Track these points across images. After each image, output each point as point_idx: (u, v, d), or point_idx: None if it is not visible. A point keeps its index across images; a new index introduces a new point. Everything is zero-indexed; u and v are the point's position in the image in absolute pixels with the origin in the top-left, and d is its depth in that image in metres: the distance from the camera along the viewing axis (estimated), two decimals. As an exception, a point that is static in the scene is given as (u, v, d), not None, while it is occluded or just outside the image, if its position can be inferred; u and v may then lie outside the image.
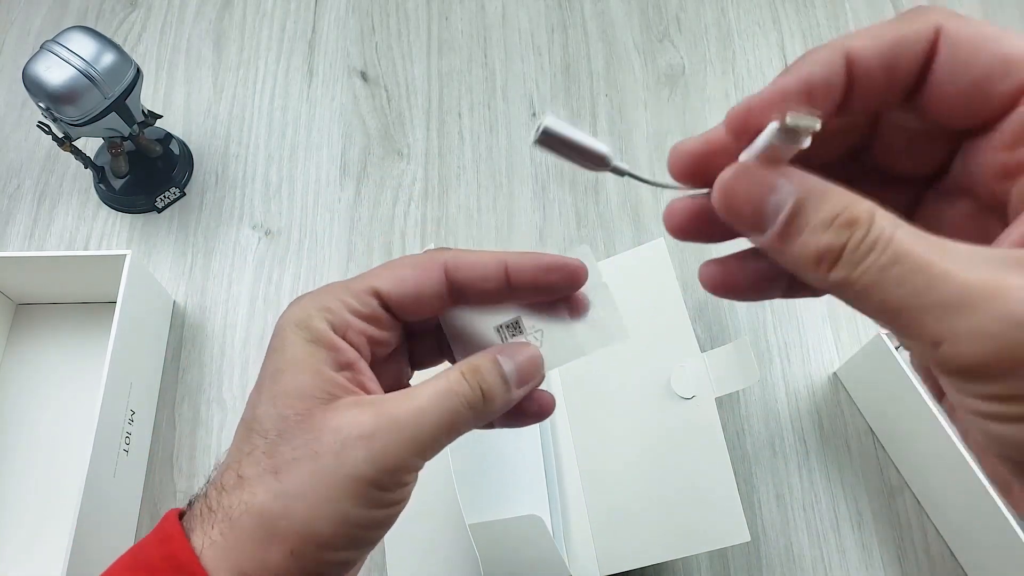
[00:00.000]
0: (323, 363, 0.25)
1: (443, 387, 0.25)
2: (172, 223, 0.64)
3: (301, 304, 0.26)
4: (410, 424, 0.24)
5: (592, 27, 0.72)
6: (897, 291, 0.16)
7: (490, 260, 0.27)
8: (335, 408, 0.24)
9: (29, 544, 0.52)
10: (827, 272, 0.17)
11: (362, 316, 0.26)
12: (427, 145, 0.67)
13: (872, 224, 0.17)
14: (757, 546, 0.52)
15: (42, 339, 0.59)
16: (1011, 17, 0.71)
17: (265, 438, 0.24)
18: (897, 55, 0.18)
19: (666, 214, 0.22)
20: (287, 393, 0.25)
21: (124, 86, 0.55)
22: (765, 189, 0.18)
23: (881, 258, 0.16)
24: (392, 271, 0.27)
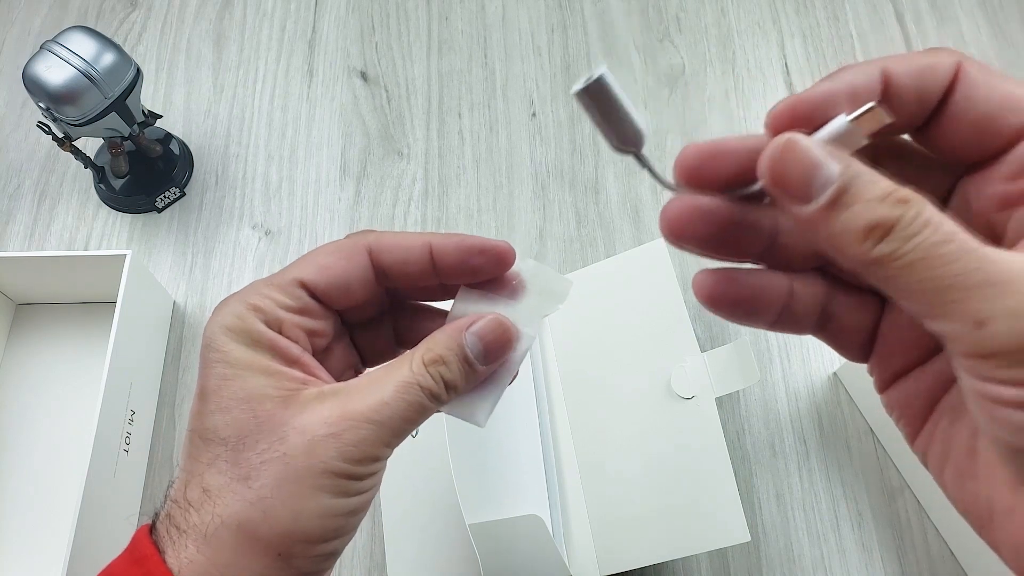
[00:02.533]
0: (268, 363, 0.25)
1: (405, 379, 0.25)
2: (172, 223, 0.64)
3: (228, 308, 0.25)
4: (375, 419, 0.24)
5: (592, 27, 0.72)
6: (947, 268, 0.16)
7: (414, 242, 0.27)
8: (297, 404, 0.24)
9: (29, 544, 0.52)
10: (875, 244, 0.17)
11: (293, 310, 0.26)
12: (427, 145, 0.67)
13: (925, 205, 0.17)
14: (757, 546, 0.52)
15: (42, 339, 0.59)
16: (1011, 16, 0.71)
17: (225, 446, 0.24)
18: (926, 78, 0.19)
19: (663, 214, 0.22)
20: (240, 399, 0.24)
21: (124, 86, 0.55)
22: (818, 161, 0.18)
23: (935, 235, 0.16)
24: (314, 260, 0.27)
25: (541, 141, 0.67)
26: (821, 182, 0.18)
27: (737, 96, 0.69)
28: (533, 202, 0.65)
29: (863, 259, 0.17)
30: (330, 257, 0.26)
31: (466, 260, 0.27)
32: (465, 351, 0.26)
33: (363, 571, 0.52)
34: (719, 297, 0.21)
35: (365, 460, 0.24)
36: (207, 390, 0.25)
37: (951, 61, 0.19)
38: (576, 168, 0.66)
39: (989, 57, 0.69)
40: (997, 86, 0.19)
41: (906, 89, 0.19)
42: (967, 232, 0.17)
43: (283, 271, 0.27)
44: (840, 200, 0.17)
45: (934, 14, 0.72)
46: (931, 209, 0.17)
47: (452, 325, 0.26)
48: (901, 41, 0.71)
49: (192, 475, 0.24)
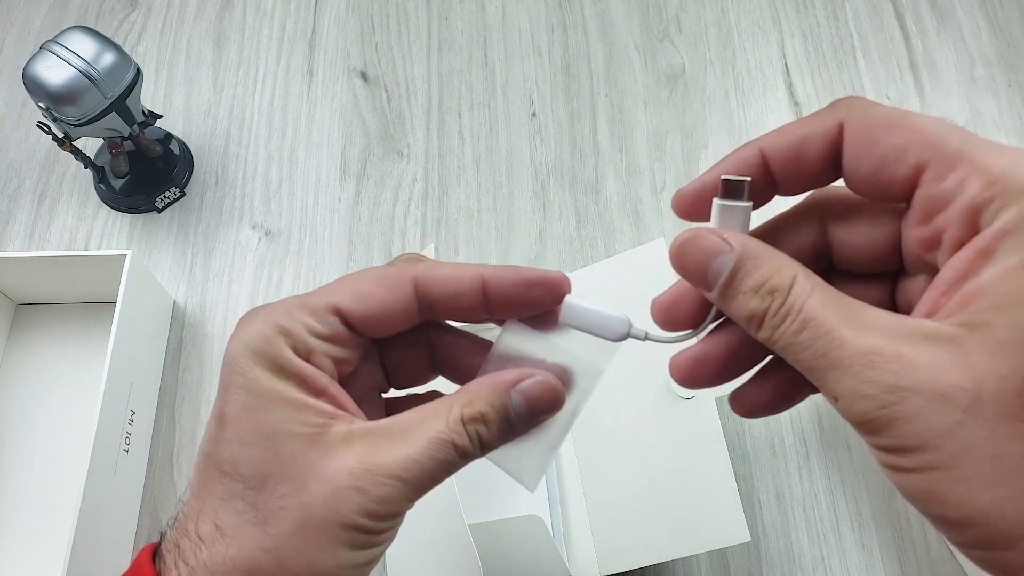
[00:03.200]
0: (295, 394, 0.23)
1: (439, 435, 0.23)
2: (172, 223, 0.64)
3: (256, 327, 0.24)
4: (402, 476, 0.22)
5: (592, 27, 0.72)
6: (805, 353, 0.19)
7: (465, 275, 0.25)
8: (322, 445, 0.23)
9: (29, 544, 0.52)
10: (756, 332, 0.20)
11: (324, 337, 0.24)
12: (427, 145, 0.67)
13: (790, 292, 0.19)
14: (757, 546, 0.52)
15: (42, 339, 0.59)
16: (1011, 17, 0.71)
17: (244, 484, 0.22)
18: (801, 148, 0.21)
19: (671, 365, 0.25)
20: (263, 433, 0.23)
21: (124, 86, 0.55)
22: (710, 253, 0.21)
23: (793, 324, 0.19)
24: (354, 287, 0.25)
25: (541, 141, 0.67)
26: (715, 270, 0.21)
27: (737, 96, 0.69)
28: (533, 202, 0.65)
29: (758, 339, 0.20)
30: (373, 286, 0.25)
31: (523, 294, 0.25)
32: (509, 411, 0.24)
33: (363, 571, 0.52)
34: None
35: (387, 516, 0.23)
36: (227, 417, 0.23)
37: (832, 124, 0.21)
38: (576, 168, 0.66)
39: (989, 57, 0.69)
40: (881, 138, 0.20)
41: (783, 163, 0.22)
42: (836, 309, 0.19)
43: (319, 292, 0.25)
44: (729, 288, 0.20)
45: (934, 14, 0.72)
46: (797, 293, 0.19)
47: (497, 379, 0.24)
48: (901, 41, 0.71)
49: (204, 508, 0.23)
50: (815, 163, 0.21)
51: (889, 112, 0.20)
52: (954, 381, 0.17)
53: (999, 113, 0.67)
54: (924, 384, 0.17)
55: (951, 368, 0.17)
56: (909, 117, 0.20)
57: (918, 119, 0.19)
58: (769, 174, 0.22)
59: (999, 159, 0.18)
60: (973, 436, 0.17)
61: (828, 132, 0.21)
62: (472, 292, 0.25)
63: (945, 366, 0.17)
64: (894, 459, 0.18)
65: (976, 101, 0.68)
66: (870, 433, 0.18)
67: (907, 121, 0.20)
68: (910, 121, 0.19)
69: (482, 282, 0.25)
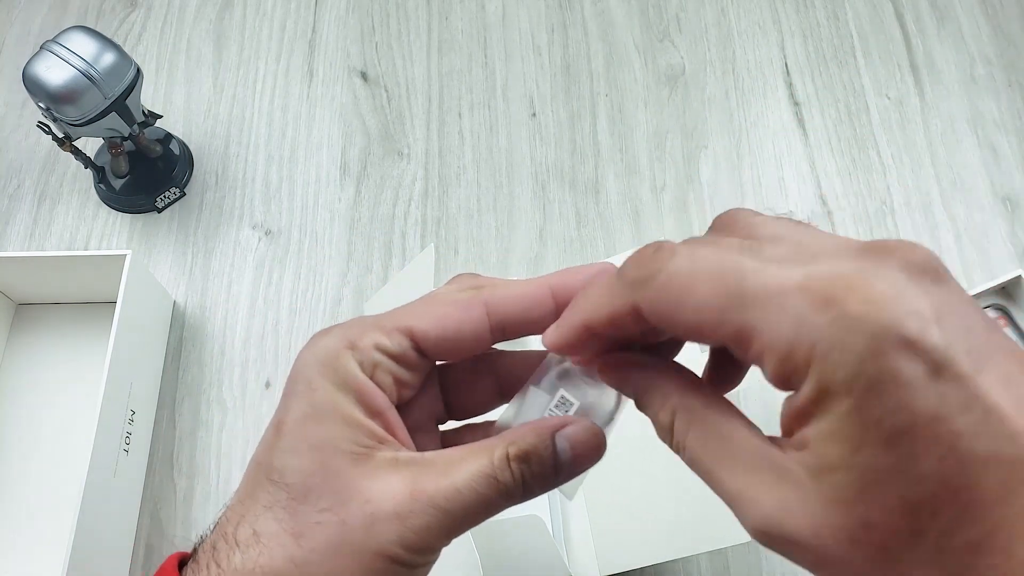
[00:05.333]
0: (352, 411, 0.23)
1: (484, 471, 0.23)
2: (172, 223, 0.64)
3: (327, 341, 0.24)
4: (444, 506, 0.22)
5: (592, 27, 0.72)
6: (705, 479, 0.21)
7: (534, 292, 0.25)
8: (368, 466, 0.23)
9: (29, 544, 0.52)
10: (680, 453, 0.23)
11: (392, 356, 0.24)
12: (427, 145, 0.67)
13: (672, 431, 0.22)
14: (757, 546, 0.52)
15: (42, 339, 0.59)
16: (1011, 17, 0.71)
17: (287, 492, 0.22)
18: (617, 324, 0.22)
19: None
20: (313, 445, 0.23)
21: (124, 86, 0.55)
22: None
23: (684, 458, 0.22)
24: (429, 308, 0.25)
25: (541, 141, 0.67)
26: None
27: (737, 96, 0.69)
28: (533, 202, 0.65)
29: None
30: (448, 307, 0.25)
31: None
32: (553, 455, 0.24)
33: (363, 571, 0.52)
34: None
35: (424, 550, 0.22)
36: (284, 425, 0.23)
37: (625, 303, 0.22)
38: (576, 168, 0.66)
39: (989, 57, 0.69)
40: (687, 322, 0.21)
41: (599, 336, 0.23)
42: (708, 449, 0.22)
43: (393, 313, 0.25)
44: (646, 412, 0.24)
45: (934, 14, 0.72)
46: (677, 433, 0.23)
47: (541, 423, 0.24)
48: (901, 41, 0.71)
49: (247, 513, 0.23)
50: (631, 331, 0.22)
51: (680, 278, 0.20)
52: (802, 530, 0.18)
53: (999, 113, 0.67)
54: (784, 535, 0.19)
55: (799, 517, 0.18)
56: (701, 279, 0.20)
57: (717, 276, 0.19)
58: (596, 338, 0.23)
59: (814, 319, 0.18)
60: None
61: (625, 313, 0.22)
62: (543, 306, 0.25)
63: (794, 513, 0.18)
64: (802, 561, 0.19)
65: (976, 101, 0.68)
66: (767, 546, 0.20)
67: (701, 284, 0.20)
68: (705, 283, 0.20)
69: (551, 294, 0.25)
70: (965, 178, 0.65)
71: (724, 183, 0.65)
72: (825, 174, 0.65)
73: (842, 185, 0.65)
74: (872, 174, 0.65)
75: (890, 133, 0.67)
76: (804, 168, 0.66)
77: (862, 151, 0.66)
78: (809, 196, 0.64)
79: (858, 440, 0.17)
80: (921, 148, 0.66)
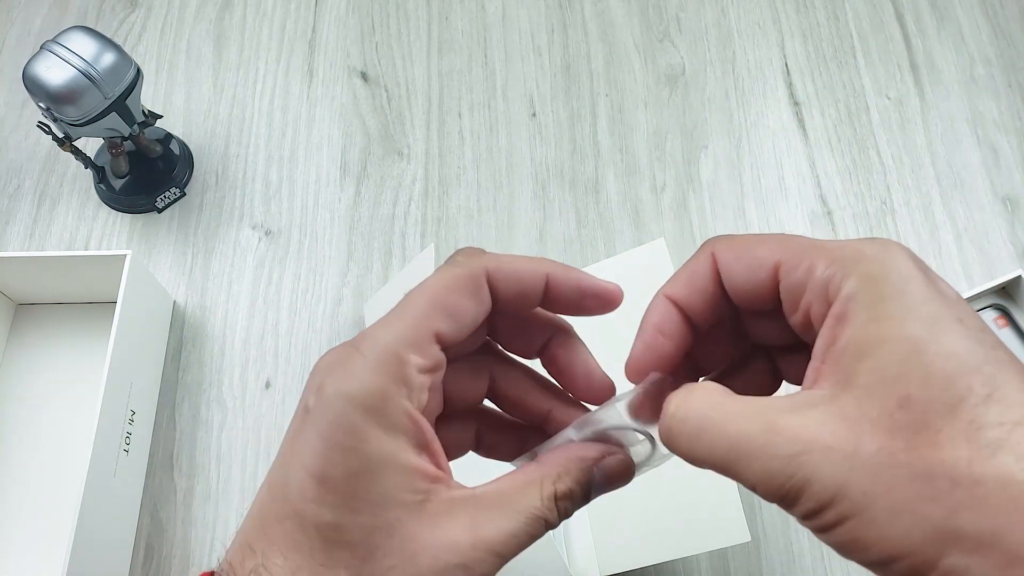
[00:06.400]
0: (408, 455, 0.22)
1: (535, 512, 0.23)
2: (172, 223, 0.64)
3: (366, 377, 0.22)
4: (502, 552, 0.22)
5: (592, 27, 0.72)
6: (713, 455, 0.21)
7: (534, 271, 0.25)
8: (429, 515, 0.22)
9: (29, 544, 0.52)
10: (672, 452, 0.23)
11: (427, 371, 0.23)
12: (427, 145, 0.67)
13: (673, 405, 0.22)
14: (757, 546, 0.52)
15: (42, 339, 0.59)
16: (1011, 17, 0.71)
17: (352, 553, 0.21)
18: (696, 284, 0.25)
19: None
20: (372, 501, 0.21)
21: (124, 86, 0.55)
22: None
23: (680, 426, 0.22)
24: (442, 301, 0.23)
25: (541, 141, 0.67)
26: None
27: (737, 96, 0.69)
28: (533, 202, 0.65)
29: None
30: (459, 297, 0.24)
31: (579, 300, 0.26)
32: (591, 487, 0.25)
33: (363, 571, 0.52)
34: None
35: None
36: (331, 479, 0.22)
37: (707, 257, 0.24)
38: (576, 168, 0.66)
39: (989, 57, 0.69)
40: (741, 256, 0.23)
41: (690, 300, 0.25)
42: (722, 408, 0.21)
43: (412, 318, 0.23)
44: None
45: (934, 14, 0.72)
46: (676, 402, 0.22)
47: (584, 454, 0.25)
48: (901, 41, 0.71)
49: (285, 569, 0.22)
50: (708, 292, 0.24)
51: (746, 235, 0.24)
52: (836, 434, 0.19)
53: (999, 113, 0.67)
54: (814, 444, 0.19)
55: (831, 423, 0.19)
56: (762, 235, 0.24)
57: (770, 235, 0.23)
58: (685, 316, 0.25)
59: (835, 245, 0.22)
60: (865, 478, 0.18)
61: (707, 264, 0.24)
62: (536, 290, 0.25)
63: (826, 423, 0.19)
64: (816, 522, 0.19)
65: (976, 101, 0.68)
66: (790, 506, 0.19)
67: (761, 237, 0.23)
68: (763, 237, 0.23)
69: (546, 281, 0.25)
70: (965, 178, 0.65)
71: (724, 183, 0.65)
72: (825, 174, 0.65)
73: (842, 185, 0.65)
74: (872, 174, 0.65)
75: (890, 133, 0.67)
76: (804, 168, 0.66)
77: (862, 151, 0.66)
78: (809, 196, 0.64)
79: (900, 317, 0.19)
80: (921, 148, 0.66)
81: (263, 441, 0.56)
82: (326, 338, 0.59)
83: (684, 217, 0.64)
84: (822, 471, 0.18)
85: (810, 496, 0.19)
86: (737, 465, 0.20)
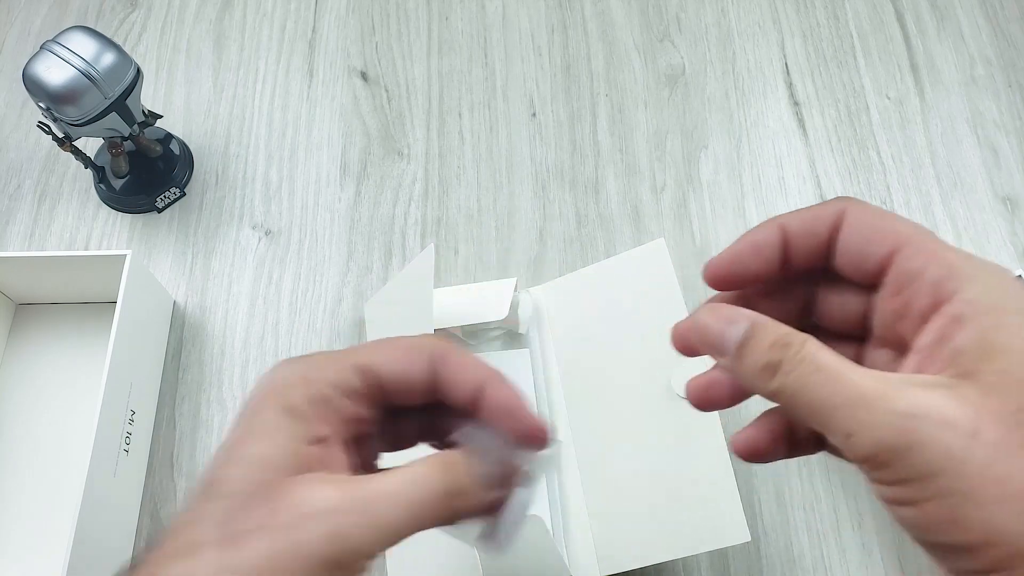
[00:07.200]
0: (294, 435, 0.24)
1: (414, 475, 0.24)
2: (172, 223, 0.64)
3: (282, 370, 0.26)
4: (374, 507, 0.23)
5: (592, 27, 0.72)
6: (818, 392, 0.21)
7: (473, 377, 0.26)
8: (300, 481, 0.23)
9: (29, 544, 0.52)
10: (769, 379, 0.22)
11: (344, 391, 0.25)
12: (427, 145, 0.67)
13: (803, 346, 0.22)
14: (757, 546, 0.52)
15: (42, 339, 0.59)
16: (1011, 17, 0.71)
17: (225, 501, 0.23)
18: (813, 225, 0.25)
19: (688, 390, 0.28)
20: (253, 459, 0.24)
21: (124, 86, 0.55)
22: (726, 322, 0.24)
23: (807, 368, 0.21)
24: (386, 350, 0.26)
25: (541, 141, 0.67)
26: (732, 335, 0.23)
27: (737, 96, 0.69)
28: (533, 202, 0.65)
29: (766, 392, 0.23)
30: (402, 352, 0.26)
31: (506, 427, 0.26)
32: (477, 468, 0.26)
33: (363, 571, 0.52)
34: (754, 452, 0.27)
35: (352, 551, 0.23)
36: (227, 443, 0.25)
37: (836, 209, 0.25)
38: (576, 168, 0.66)
39: (989, 57, 0.69)
40: (869, 223, 0.24)
41: (798, 235, 0.25)
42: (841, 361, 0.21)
43: (353, 350, 0.27)
44: (745, 348, 0.23)
45: (934, 14, 0.72)
46: (809, 347, 0.22)
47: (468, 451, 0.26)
48: (901, 41, 0.71)
49: (187, 522, 0.23)
50: (821, 237, 0.25)
51: (880, 210, 0.25)
52: (957, 412, 0.19)
53: (999, 113, 0.67)
54: (932, 412, 0.19)
55: (953, 403, 0.19)
56: (895, 215, 0.24)
57: (901, 218, 0.24)
58: (785, 246, 0.26)
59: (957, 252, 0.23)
60: (982, 459, 0.18)
61: (834, 213, 0.25)
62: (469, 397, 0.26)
63: (948, 401, 0.19)
64: (904, 491, 0.19)
65: (976, 101, 0.68)
66: (881, 466, 0.20)
67: (892, 217, 0.24)
68: (895, 217, 0.24)
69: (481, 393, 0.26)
70: (965, 178, 0.65)
71: (724, 183, 0.65)
72: (825, 174, 0.65)
73: (842, 185, 0.65)
74: (872, 174, 0.65)
75: (890, 133, 0.67)
76: (804, 168, 0.66)
77: (862, 151, 0.66)
78: (809, 196, 0.64)
79: None
80: (921, 148, 0.66)
81: (263, 441, 0.56)
82: (326, 338, 0.59)
83: (684, 217, 0.64)
84: (935, 439, 0.19)
85: (913, 462, 0.19)
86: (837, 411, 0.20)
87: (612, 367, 0.51)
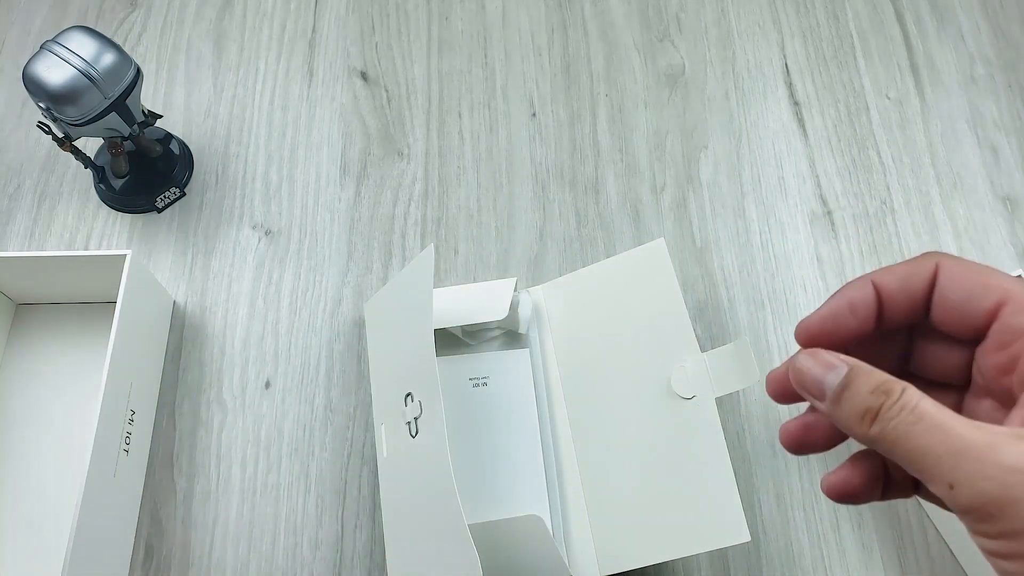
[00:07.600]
0: None
1: None
2: (172, 223, 0.64)
3: None
4: None
5: (592, 27, 0.72)
6: (919, 441, 0.21)
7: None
8: None
9: (29, 544, 0.52)
10: (869, 426, 0.22)
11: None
12: (427, 145, 0.67)
13: (904, 393, 0.22)
14: (757, 546, 0.52)
15: (42, 339, 0.59)
16: (1011, 17, 0.71)
17: None
18: (908, 282, 0.25)
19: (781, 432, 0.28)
20: None
21: (124, 86, 0.55)
22: (825, 368, 0.24)
23: (909, 416, 0.21)
24: None
25: (541, 141, 0.67)
26: (831, 380, 0.24)
27: (737, 96, 0.69)
28: (533, 202, 0.65)
29: (864, 438, 0.23)
30: None
31: None
32: None
33: (363, 571, 0.52)
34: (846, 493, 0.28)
35: None
36: None
37: (930, 264, 0.25)
38: (576, 168, 0.66)
39: (989, 57, 0.69)
40: (969, 277, 0.24)
41: (893, 292, 0.25)
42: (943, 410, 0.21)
43: None
44: (842, 395, 0.23)
45: (934, 14, 0.72)
46: (909, 395, 0.22)
47: None
48: (901, 41, 0.71)
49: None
50: (917, 294, 0.25)
51: (973, 262, 0.25)
52: None
53: (999, 113, 0.67)
54: None
55: None
56: (992, 268, 0.25)
57: (1000, 272, 0.24)
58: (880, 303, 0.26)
59: None
60: None
61: (929, 269, 0.25)
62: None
63: None
64: (1008, 545, 0.19)
65: (976, 101, 0.68)
66: (985, 519, 0.19)
67: (991, 268, 0.24)
68: (993, 271, 0.24)
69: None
70: (965, 178, 0.65)
71: (724, 183, 0.65)
72: (825, 174, 0.65)
73: (842, 185, 0.65)
74: (872, 174, 0.65)
75: (890, 133, 0.67)
76: (804, 168, 0.66)
77: (862, 151, 0.66)
78: (809, 196, 0.64)
79: None
80: (921, 148, 0.66)
81: (263, 441, 0.56)
82: (326, 338, 0.59)
83: (684, 217, 0.64)
84: None
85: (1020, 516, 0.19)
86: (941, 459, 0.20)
87: (612, 367, 0.51)
